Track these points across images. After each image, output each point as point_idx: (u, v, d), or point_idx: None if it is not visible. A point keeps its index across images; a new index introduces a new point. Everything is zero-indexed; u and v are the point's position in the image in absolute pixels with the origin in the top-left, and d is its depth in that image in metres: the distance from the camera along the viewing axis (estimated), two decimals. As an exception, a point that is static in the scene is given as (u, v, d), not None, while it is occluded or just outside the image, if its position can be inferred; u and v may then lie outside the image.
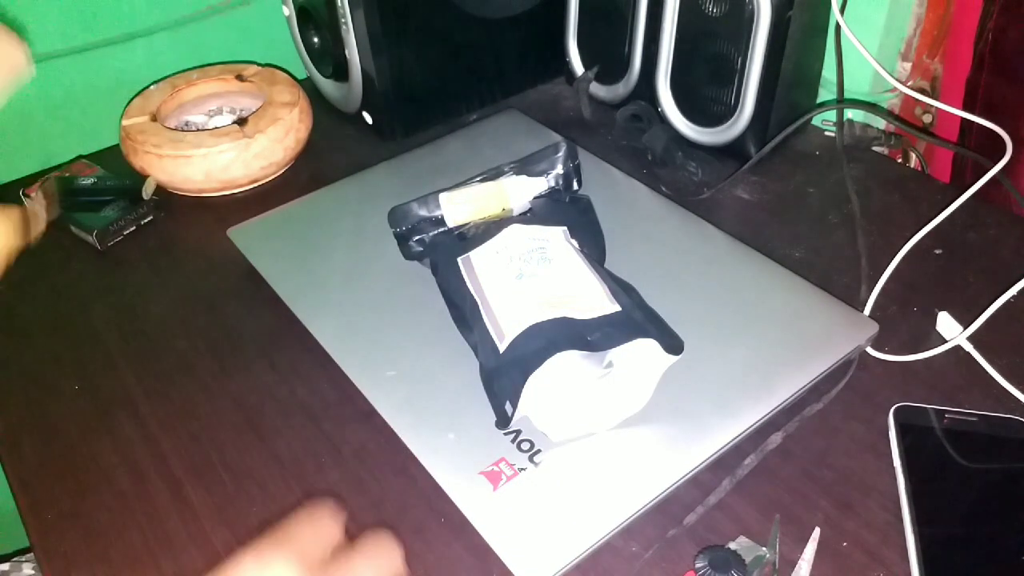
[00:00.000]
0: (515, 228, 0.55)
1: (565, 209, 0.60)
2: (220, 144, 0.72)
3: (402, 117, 0.80)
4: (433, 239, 0.60)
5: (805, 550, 0.46)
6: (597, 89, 0.82)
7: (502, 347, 0.48)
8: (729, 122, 0.72)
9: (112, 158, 0.78)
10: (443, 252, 0.57)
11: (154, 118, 0.76)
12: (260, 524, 0.49)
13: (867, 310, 0.60)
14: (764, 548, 0.46)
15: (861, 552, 0.46)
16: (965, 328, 0.57)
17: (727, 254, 0.62)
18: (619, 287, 0.52)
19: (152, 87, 0.80)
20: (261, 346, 0.60)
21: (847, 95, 0.78)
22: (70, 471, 0.53)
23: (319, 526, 0.38)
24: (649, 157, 0.75)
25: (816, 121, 0.79)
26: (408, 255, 0.61)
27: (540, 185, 0.62)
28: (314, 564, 0.36)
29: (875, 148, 0.78)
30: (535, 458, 0.48)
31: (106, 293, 0.66)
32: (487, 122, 0.78)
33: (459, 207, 0.60)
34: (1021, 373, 0.55)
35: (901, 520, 0.47)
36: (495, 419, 0.48)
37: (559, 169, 0.62)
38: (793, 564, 0.45)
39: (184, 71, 0.82)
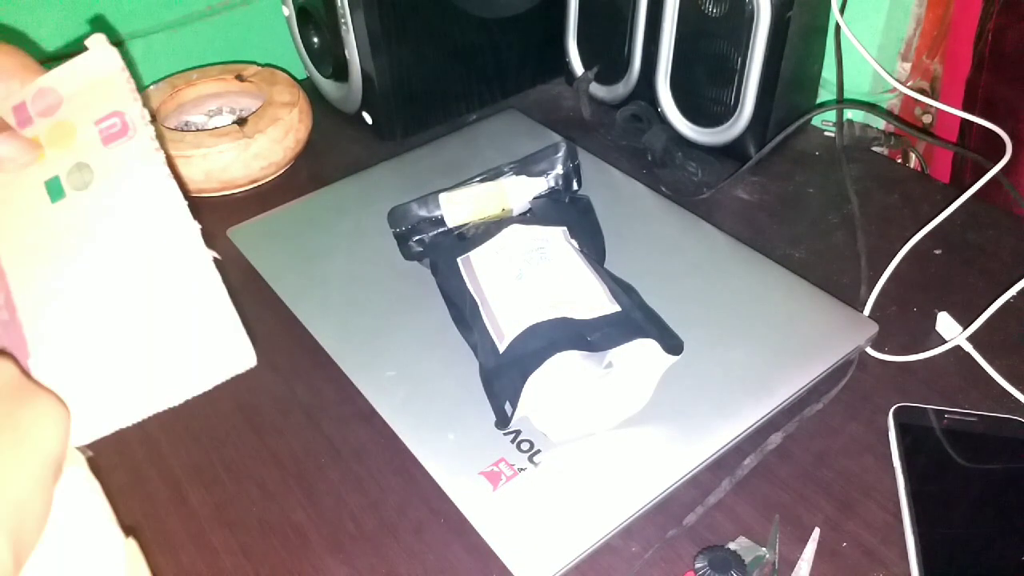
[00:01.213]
0: (515, 228, 0.55)
1: (565, 209, 0.60)
2: (220, 144, 0.72)
3: (402, 117, 0.80)
4: (433, 239, 0.60)
5: (805, 550, 0.46)
6: (597, 89, 0.82)
7: (502, 347, 0.48)
8: (729, 122, 0.72)
9: (112, 158, 0.78)
10: (443, 252, 0.57)
11: (154, 118, 0.75)
12: (260, 524, 0.49)
13: (867, 310, 0.60)
14: (764, 548, 0.46)
15: (861, 552, 0.46)
16: (965, 328, 0.57)
17: (727, 254, 0.62)
18: (619, 287, 0.52)
19: (152, 87, 0.80)
20: (261, 346, 0.59)
21: (847, 95, 0.78)
22: (70, 471, 0.53)
23: None
24: (649, 157, 0.75)
25: (816, 121, 0.79)
26: (408, 255, 0.61)
27: (540, 185, 0.62)
28: None
29: (875, 148, 0.78)
30: (535, 458, 0.48)
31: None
32: (487, 122, 0.78)
33: (459, 207, 0.60)
34: (1021, 373, 0.55)
35: (901, 520, 0.47)
36: (495, 419, 0.48)
37: (559, 169, 0.62)
38: (793, 564, 0.45)
39: (184, 71, 0.82)
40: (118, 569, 0.32)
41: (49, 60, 0.79)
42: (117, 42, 0.82)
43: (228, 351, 0.31)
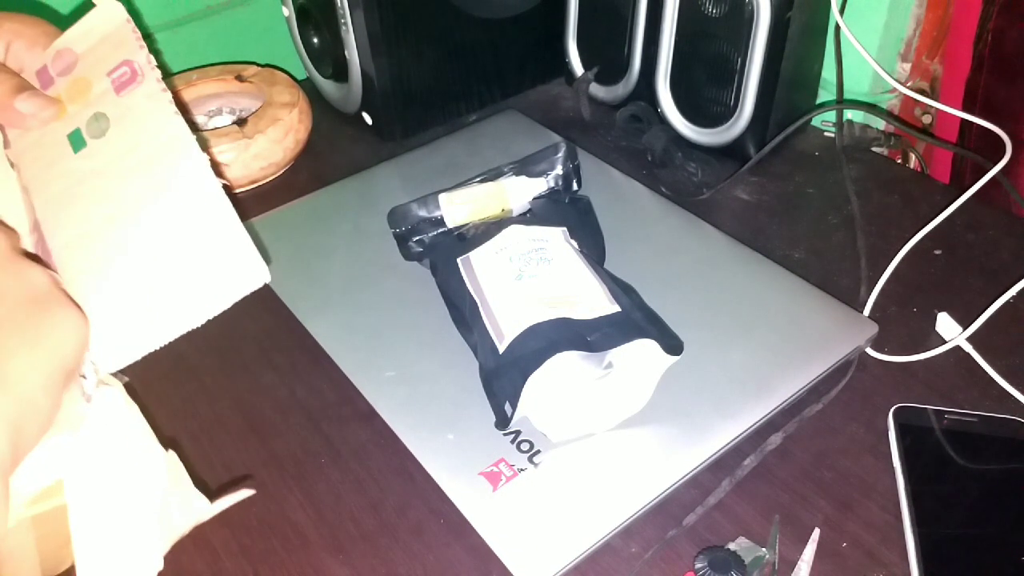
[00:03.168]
0: (515, 228, 0.55)
1: (565, 210, 0.60)
2: (219, 145, 0.72)
3: (402, 117, 0.80)
4: (433, 240, 0.60)
5: (805, 551, 0.46)
6: (597, 90, 0.82)
7: (501, 348, 0.48)
8: (729, 123, 0.72)
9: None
10: (443, 253, 0.57)
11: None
12: (260, 524, 0.49)
13: (867, 311, 0.60)
14: (764, 549, 0.46)
15: (861, 552, 0.46)
16: (965, 329, 0.57)
17: (727, 255, 0.62)
18: (619, 288, 0.52)
19: (152, 87, 0.80)
20: (261, 346, 0.60)
21: (847, 96, 0.78)
22: (69, 471, 0.53)
23: None
24: (649, 158, 0.75)
25: (816, 122, 0.79)
26: (408, 256, 0.61)
27: (540, 186, 0.62)
28: None
29: (875, 149, 0.78)
30: (534, 459, 0.48)
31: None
32: (487, 123, 0.78)
33: (459, 208, 0.60)
34: (1021, 374, 0.55)
35: (901, 520, 0.47)
36: (494, 420, 0.48)
37: (559, 170, 0.62)
38: (793, 565, 0.45)
39: (183, 72, 0.82)
40: (160, 479, 0.36)
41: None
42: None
43: (242, 271, 0.34)
